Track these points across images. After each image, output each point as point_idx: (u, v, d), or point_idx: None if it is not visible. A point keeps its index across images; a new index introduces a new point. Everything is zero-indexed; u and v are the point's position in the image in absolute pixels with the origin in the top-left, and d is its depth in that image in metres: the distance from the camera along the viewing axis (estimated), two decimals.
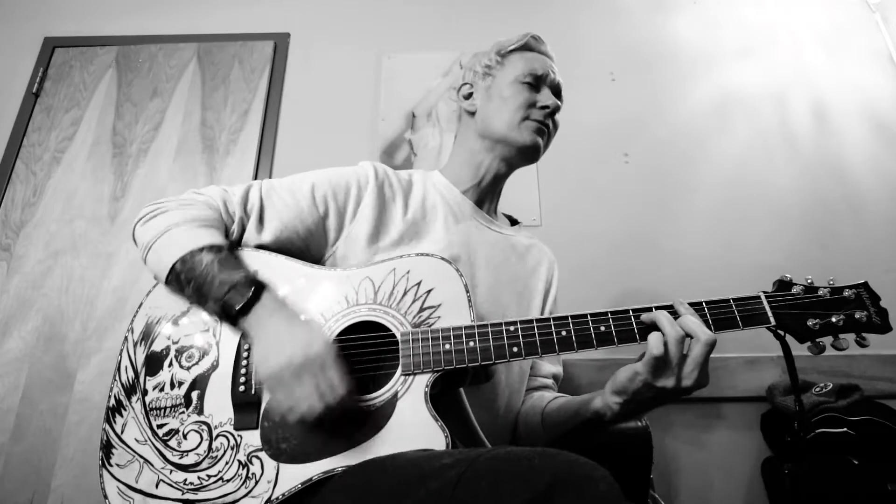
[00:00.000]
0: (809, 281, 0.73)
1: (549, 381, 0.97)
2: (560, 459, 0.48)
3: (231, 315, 0.70)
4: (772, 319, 0.70)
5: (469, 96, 1.02)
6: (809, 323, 0.70)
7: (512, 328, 0.71)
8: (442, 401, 0.73)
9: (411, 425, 0.66)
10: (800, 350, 0.72)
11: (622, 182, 1.72)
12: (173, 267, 0.73)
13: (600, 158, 1.75)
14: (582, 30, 1.94)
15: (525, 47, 1.00)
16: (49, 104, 1.81)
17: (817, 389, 1.32)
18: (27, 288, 1.58)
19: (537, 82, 0.96)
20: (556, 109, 0.95)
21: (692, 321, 0.67)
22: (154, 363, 0.74)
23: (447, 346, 0.70)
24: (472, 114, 1.00)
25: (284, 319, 0.69)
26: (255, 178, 1.71)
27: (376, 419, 0.67)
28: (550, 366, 0.99)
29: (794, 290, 0.72)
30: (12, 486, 1.38)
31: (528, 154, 0.96)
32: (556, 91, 0.99)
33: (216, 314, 0.73)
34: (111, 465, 0.70)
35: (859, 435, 1.20)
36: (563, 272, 1.05)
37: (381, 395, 0.69)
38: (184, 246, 0.73)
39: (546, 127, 0.95)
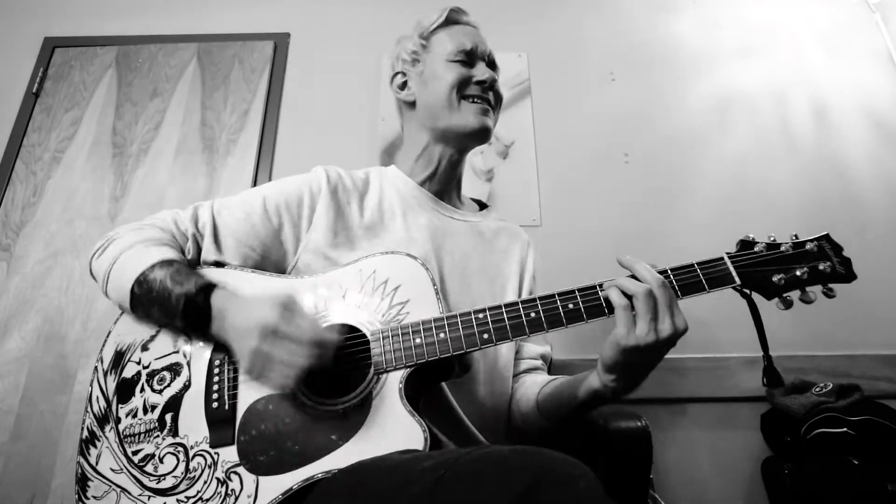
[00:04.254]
0: (772, 238, 0.73)
1: (538, 363, 0.96)
2: (540, 458, 0.47)
3: (201, 330, 0.71)
4: (736, 279, 0.70)
5: (404, 86, 1.00)
6: (774, 279, 0.70)
7: (481, 315, 0.70)
8: (425, 399, 0.73)
9: (388, 423, 0.65)
10: (801, 350, 0.72)
11: (622, 182, 1.72)
12: (132, 292, 0.73)
13: (600, 158, 1.75)
14: (582, 30, 1.94)
15: (448, 22, 0.98)
16: (49, 104, 1.81)
17: (817, 389, 1.32)
18: (27, 288, 1.58)
19: (469, 57, 0.94)
20: (494, 81, 0.94)
21: (643, 268, 0.68)
22: (125, 390, 0.73)
23: (418, 340, 0.69)
24: (412, 104, 0.98)
25: (236, 309, 0.68)
26: (255, 178, 1.71)
27: (353, 421, 0.66)
28: (537, 346, 0.97)
29: (757, 247, 0.72)
30: (12, 486, 1.38)
31: (476, 137, 0.95)
32: (490, 62, 0.97)
33: (186, 332, 0.74)
34: (87, 499, 0.68)
35: (859, 435, 1.20)
36: (562, 272, 1.04)
37: (355, 395, 0.68)
38: (136, 268, 0.74)
39: (488, 102, 0.93)
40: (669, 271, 0.71)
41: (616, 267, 1.67)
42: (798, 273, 0.70)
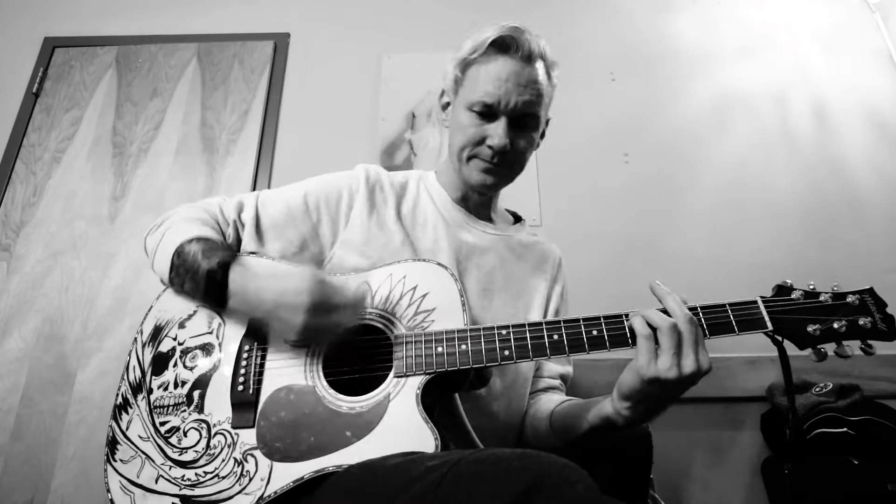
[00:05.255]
0: (812, 286, 0.70)
1: (556, 382, 0.96)
2: (539, 461, 0.48)
3: (220, 305, 0.75)
4: (769, 324, 0.68)
5: (446, 107, 0.96)
6: (809, 329, 0.68)
7: (504, 332, 0.71)
8: (438, 406, 0.73)
9: (402, 426, 0.67)
10: (801, 349, 0.71)
11: (622, 182, 1.72)
12: (172, 261, 0.77)
13: (600, 159, 1.75)
14: (582, 30, 1.94)
15: (493, 48, 0.86)
16: (49, 104, 1.81)
17: (817, 389, 1.32)
18: (27, 288, 1.58)
19: (490, 111, 0.84)
20: (504, 150, 0.84)
21: (674, 301, 0.66)
22: (160, 363, 0.77)
23: (439, 349, 0.71)
24: (448, 129, 0.96)
25: (260, 279, 0.73)
26: (255, 178, 1.71)
27: (368, 419, 0.68)
28: (558, 366, 0.96)
29: (794, 294, 0.70)
30: (12, 486, 1.38)
31: (478, 189, 0.92)
32: (516, 114, 0.85)
33: (213, 309, 0.78)
34: (115, 461, 0.72)
35: (859, 435, 1.20)
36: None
37: (373, 396, 0.70)
38: (177, 240, 0.78)
39: (495, 165, 0.87)
40: (699, 309, 0.69)
41: (616, 267, 1.68)
42: (835, 326, 0.67)
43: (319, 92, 1.85)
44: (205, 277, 0.74)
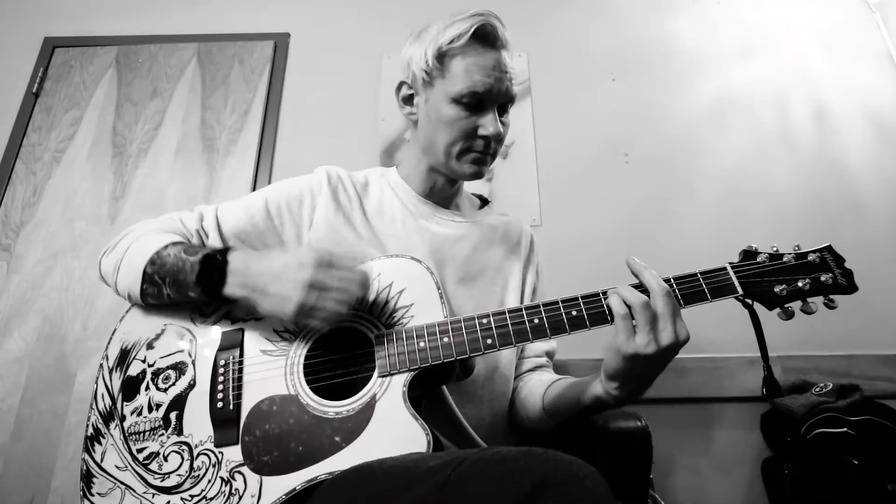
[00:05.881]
0: (775, 249, 0.74)
1: (542, 360, 0.97)
2: (546, 459, 0.48)
3: (215, 290, 0.71)
4: (739, 289, 0.70)
5: (409, 99, 0.92)
6: (777, 290, 0.71)
7: (484, 320, 0.71)
8: (425, 401, 0.73)
9: (392, 426, 0.66)
10: (801, 350, 0.72)
11: (622, 182, 1.72)
12: (145, 272, 0.74)
13: (600, 158, 1.75)
14: (582, 30, 1.94)
15: (474, 39, 0.84)
16: (49, 104, 1.81)
17: (817, 389, 1.32)
18: (27, 288, 1.58)
19: (478, 101, 0.83)
20: (497, 138, 0.85)
21: (650, 275, 0.68)
22: (130, 388, 0.73)
23: (421, 344, 0.70)
24: (415, 122, 0.92)
25: (261, 259, 0.71)
26: (255, 178, 1.71)
27: (356, 422, 0.66)
28: (541, 343, 0.97)
29: (760, 258, 0.73)
30: (12, 486, 1.38)
31: (469, 180, 0.92)
32: (504, 101, 0.87)
33: (202, 298, 0.74)
34: (92, 496, 0.68)
35: (859, 435, 1.20)
36: (562, 273, 1.04)
37: (359, 398, 0.68)
38: (150, 249, 0.75)
39: (487, 155, 0.88)
40: (672, 280, 0.70)
41: (616, 267, 1.67)
42: (800, 284, 0.70)
43: (319, 92, 1.85)
44: (200, 263, 0.71)
